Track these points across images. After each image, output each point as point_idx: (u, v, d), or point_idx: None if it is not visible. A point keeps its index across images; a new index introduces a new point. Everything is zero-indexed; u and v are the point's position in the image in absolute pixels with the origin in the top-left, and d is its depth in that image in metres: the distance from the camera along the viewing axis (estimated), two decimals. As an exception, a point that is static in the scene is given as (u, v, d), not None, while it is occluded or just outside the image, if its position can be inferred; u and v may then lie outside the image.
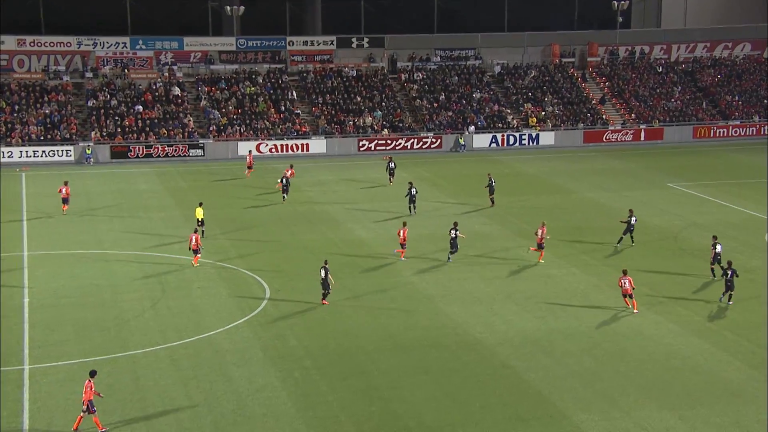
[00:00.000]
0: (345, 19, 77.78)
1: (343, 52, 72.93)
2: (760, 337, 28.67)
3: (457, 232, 36.97)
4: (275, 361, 27.14)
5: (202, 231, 39.97)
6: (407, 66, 73.04)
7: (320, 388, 25.43)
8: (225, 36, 72.46)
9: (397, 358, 27.42)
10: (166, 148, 61.85)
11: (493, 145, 66.03)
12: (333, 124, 66.15)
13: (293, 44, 72.02)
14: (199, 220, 40.29)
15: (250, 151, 57.89)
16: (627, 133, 67.75)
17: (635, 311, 31.24)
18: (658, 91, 72.48)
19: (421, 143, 65.10)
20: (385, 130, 66.16)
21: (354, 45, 73.24)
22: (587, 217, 44.83)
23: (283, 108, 66.99)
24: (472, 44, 74.97)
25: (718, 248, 34.12)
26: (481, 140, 66.15)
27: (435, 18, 79.31)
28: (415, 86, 71.06)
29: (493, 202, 46.81)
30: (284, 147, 63.73)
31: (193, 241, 36.19)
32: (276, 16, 75.82)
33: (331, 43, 72.75)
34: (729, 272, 31.78)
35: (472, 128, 66.68)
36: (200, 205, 41.60)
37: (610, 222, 43.58)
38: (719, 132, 68.55)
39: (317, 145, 64.22)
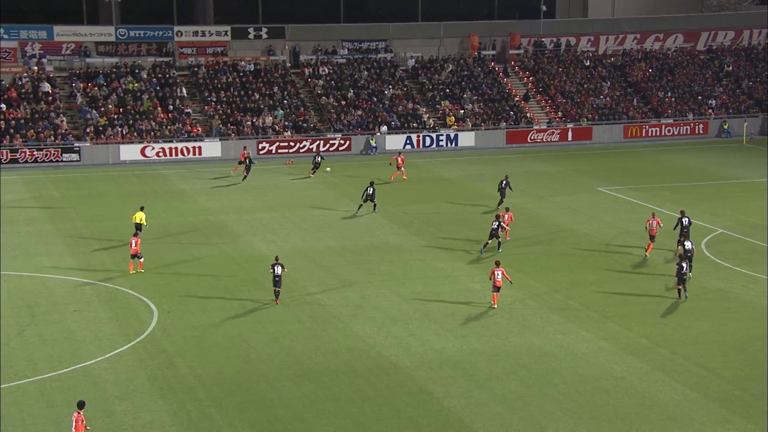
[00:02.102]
0: (240, 7, 77.36)
1: (239, 44, 72.51)
2: (696, 354, 29.55)
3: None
4: (164, 393, 26.71)
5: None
6: (311, 59, 73.05)
7: (216, 423, 25.13)
8: (102, 25, 71.17)
9: (302, 386, 27.30)
10: (35, 153, 60.37)
11: (408, 146, 66.54)
12: (229, 125, 65.63)
13: (182, 35, 71.25)
14: (139, 225, 40.42)
15: (245, 147, 58.90)
16: (553, 132, 69.12)
17: (494, 306, 33.33)
18: (585, 86, 74.21)
19: (328, 145, 65.14)
20: (288, 131, 65.99)
21: (251, 36, 72.89)
22: (512, 226, 45.51)
23: (171, 107, 66.15)
24: (382, 35, 75.47)
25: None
26: (395, 141, 66.57)
27: (341, 6, 79.58)
28: (321, 82, 71.10)
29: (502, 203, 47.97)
30: (174, 150, 62.92)
31: (134, 245, 36.77)
32: (161, 3, 74.91)
33: (225, 34, 72.23)
34: (683, 264, 33.98)
35: (384, 128, 67.06)
36: (141, 209, 41.73)
37: (536, 230, 44.33)
38: (651, 131, 70.56)
39: (211, 148, 63.61)
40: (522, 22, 79.75)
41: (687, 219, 39.86)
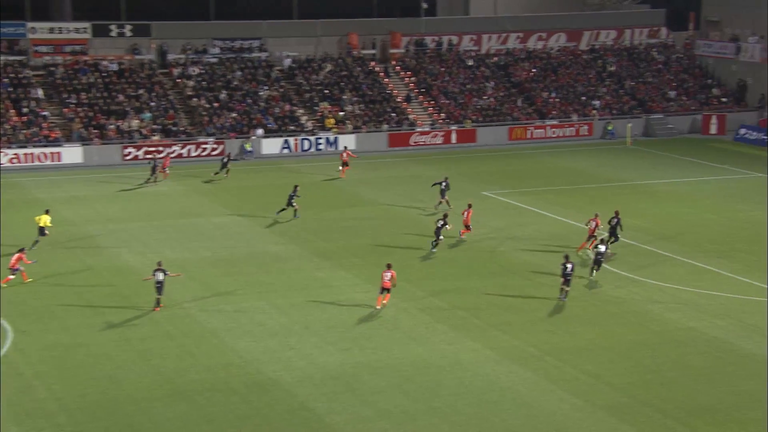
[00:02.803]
0: (101, 3, 75.70)
1: (101, 42, 70.97)
2: (584, 362, 30.32)
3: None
4: (21, 420, 25.90)
5: (36, 241, 41.14)
6: (180, 59, 72.10)
7: (80, 450, 24.51)
8: (-56, 20, 68.69)
9: (174, 407, 26.87)
10: None
11: (286, 150, 66.33)
12: (91, 129, 64.16)
13: (36, 32, 69.32)
14: (42, 228, 40.84)
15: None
16: (436, 135, 69.95)
17: (378, 307, 34.27)
18: (469, 87, 75.39)
19: (200, 150, 64.36)
20: (156, 134, 64.91)
21: (113, 33, 71.46)
22: (395, 232, 45.85)
23: (25, 109, 64.25)
24: (256, 33, 75.06)
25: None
26: (271, 145, 66.27)
27: (211, 3, 78.81)
28: (191, 83, 70.23)
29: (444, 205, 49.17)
30: (29, 156, 61.14)
31: (13, 260, 36.80)
32: (13, -3, 72.77)
33: (85, 31, 70.60)
34: (568, 265, 35.47)
35: (260, 131, 66.66)
36: (47, 212, 41.80)
37: (420, 237, 44.76)
38: (536, 133, 72.15)
39: (71, 153, 62.04)
40: (403, 21, 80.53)
41: (617, 220, 41.75)
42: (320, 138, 67.30)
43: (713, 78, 79.90)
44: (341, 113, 69.90)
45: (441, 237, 42.47)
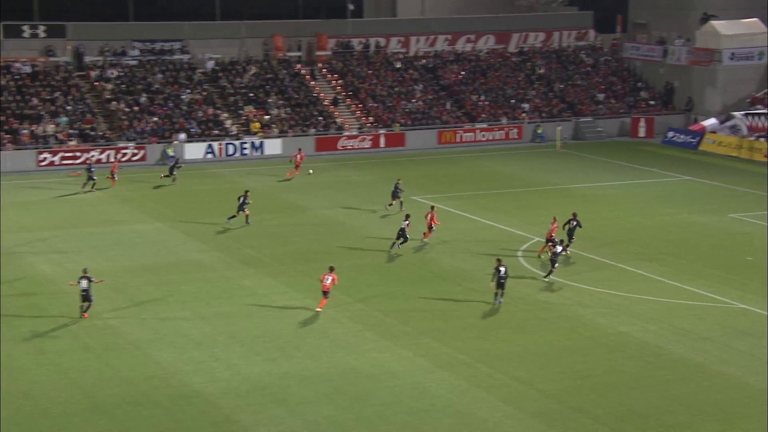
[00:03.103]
0: (13, 2, 74.23)
1: (13, 44, 69.68)
2: (515, 368, 30.57)
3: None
4: (-68, 440, 25.24)
5: None
6: (98, 61, 71.11)
7: (-6, 469, 23.97)
8: None
9: (93, 422, 26.44)
10: None
11: (210, 155, 65.79)
12: (3, 134, 62.90)
13: (-60, 32, 67.86)
14: None
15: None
16: (364, 139, 70.03)
17: (318, 309, 34.79)
18: (397, 90, 75.63)
19: (120, 155, 63.51)
20: (73, 140, 63.88)
21: (26, 34, 70.22)
22: (324, 239, 45.77)
23: (-65, 113, 62.79)
24: (178, 35, 74.35)
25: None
26: (195, 150, 65.67)
27: (130, 2, 77.86)
28: (109, 86, 69.30)
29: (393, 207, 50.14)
30: (-62, 163, 59.76)
31: None
32: None
33: (-4, 32, 69.33)
34: (501, 269, 35.91)
35: (182, 136, 66.02)
36: None
37: (347, 242, 44.73)
38: (466, 136, 72.64)
39: (-17, 159, 60.81)
40: (328, 22, 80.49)
41: (575, 222, 42.73)
42: (245, 142, 66.89)
43: (641, 81, 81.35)
44: (267, 117, 69.58)
45: (407, 237, 42.86)
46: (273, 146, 67.21)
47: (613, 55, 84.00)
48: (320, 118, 70.96)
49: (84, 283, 33.89)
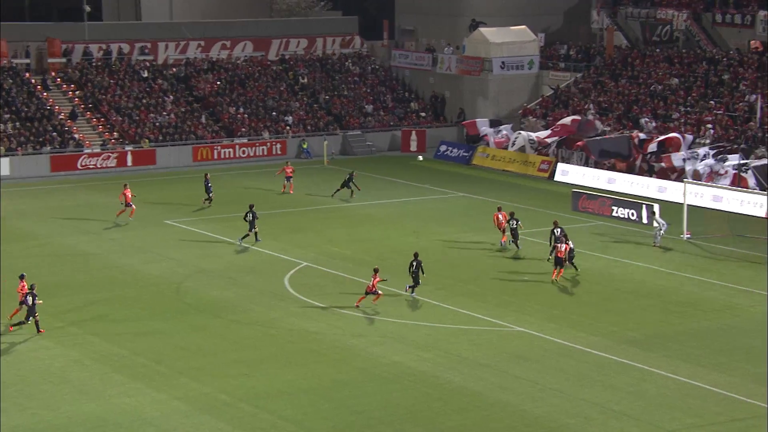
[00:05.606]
0: None
1: None
2: (282, 406, 30.73)
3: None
4: None
5: None
6: None
7: None
8: None
9: None
10: None
11: (-76, 178, 62.74)
12: None
13: None
14: None
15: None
16: (109, 157, 68.68)
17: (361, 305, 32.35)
18: (145, 102, 74.60)
19: None
20: None
21: None
22: (66, 270, 44.63)
23: None
24: None
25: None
26: None
27: None
28: None
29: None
30: None
31: None
32: None
33: None
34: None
35: None
36: None
37: (93, 273, 43.72)
38: (224, 152, 72.47)
39: None
40: (62, 26, 78.42)
41: (560, 229, 45.12)
42: (-32, 162, 64.15)
43: (411, 91, 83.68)
44: (-7, 133, 67.04)
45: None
46: (1, 166, 64.76)
47: (381, 63, 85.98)
48: (55, 134, 68.99)
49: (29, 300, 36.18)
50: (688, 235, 50.36)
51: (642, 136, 64.62)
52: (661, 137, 63.26)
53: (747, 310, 40.07)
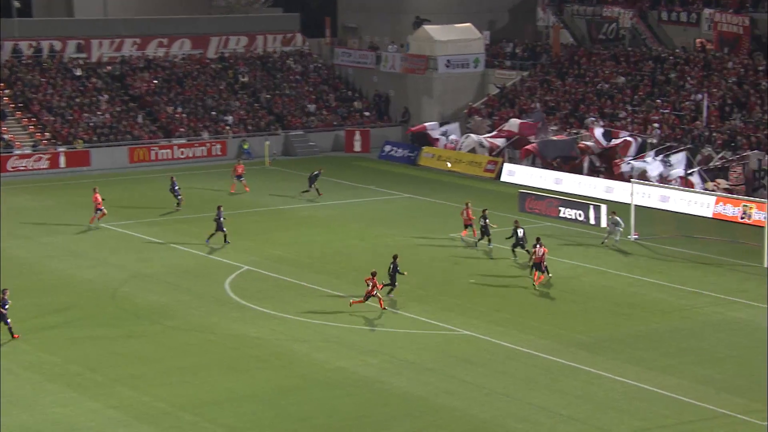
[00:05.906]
0: None
1: None
2: (223, 415, 30.42)
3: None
4: None
5: None
6: None
7: None
8: None
9: None
10: None
11: None
12: None
13: None
14: None
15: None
16: (40, 158, 67.92)
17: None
18: (78, 101, 73.80)
19: None
20: None
21: None
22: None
23: None
24: None
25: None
26: None
27: None
28: None
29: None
30: None
31: None
32: None
33: None
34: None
35: None
36: None
37: (25, 280, 43.08)
38: (162, 153, 71.86)
39: None
40: (-12, 22, 77.30)
41: (522, 230, 46.37)
42: None
43: (354, 90, 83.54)
44: None
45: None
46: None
47: (324, 61, 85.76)
48: (-14, 134, 68.03)
49: None
50: (636, 236, 50.68)
51: (599, 132, 64.12)
52: (618, 140, 63.04)
53: (695, 312, 40.36)
